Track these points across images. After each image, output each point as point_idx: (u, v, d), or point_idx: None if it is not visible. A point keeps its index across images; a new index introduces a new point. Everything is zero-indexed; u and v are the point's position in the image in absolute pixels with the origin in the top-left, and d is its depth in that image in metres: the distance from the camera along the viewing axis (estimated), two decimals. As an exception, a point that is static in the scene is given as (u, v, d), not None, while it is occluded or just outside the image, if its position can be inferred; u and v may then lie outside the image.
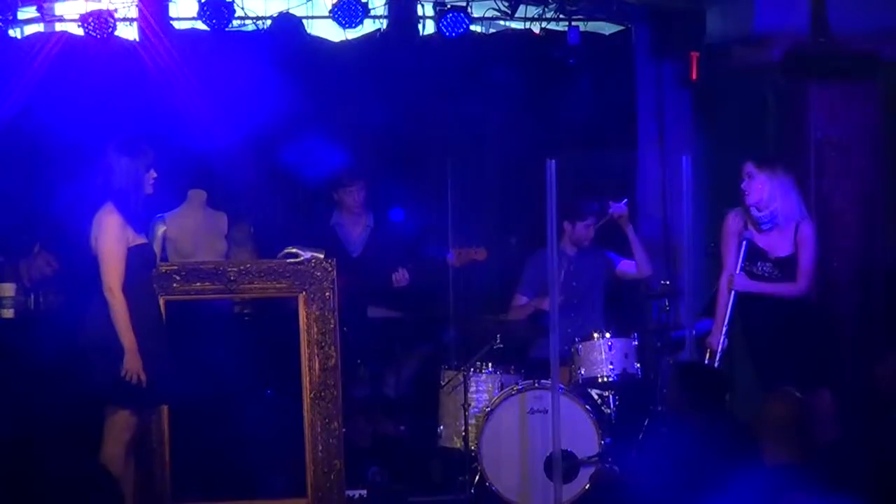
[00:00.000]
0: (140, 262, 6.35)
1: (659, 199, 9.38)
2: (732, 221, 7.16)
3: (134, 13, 9.20)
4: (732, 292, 7.12)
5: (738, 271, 7.09)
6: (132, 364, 6.17)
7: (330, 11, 9.06)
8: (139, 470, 6.65)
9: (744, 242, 7.09)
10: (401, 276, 8.20)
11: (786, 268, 7.06)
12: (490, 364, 8.02)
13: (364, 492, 7.60)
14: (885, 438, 5.54)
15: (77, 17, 9.01)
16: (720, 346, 7.13)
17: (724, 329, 7.13)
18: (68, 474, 4.80)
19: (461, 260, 8.22)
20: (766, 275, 7.08)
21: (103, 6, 8.91)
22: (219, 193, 8.65)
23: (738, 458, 5.78)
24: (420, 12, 9.48)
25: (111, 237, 6.25)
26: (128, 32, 9.27)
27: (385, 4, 9.35)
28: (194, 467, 7.14)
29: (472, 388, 7.92)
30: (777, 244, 7.08)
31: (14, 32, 9.26)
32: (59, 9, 9.42)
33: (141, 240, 6.40)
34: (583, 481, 7.52)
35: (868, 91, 8.30)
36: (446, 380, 8.02)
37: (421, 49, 9.46)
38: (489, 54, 9.47)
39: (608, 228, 8.47)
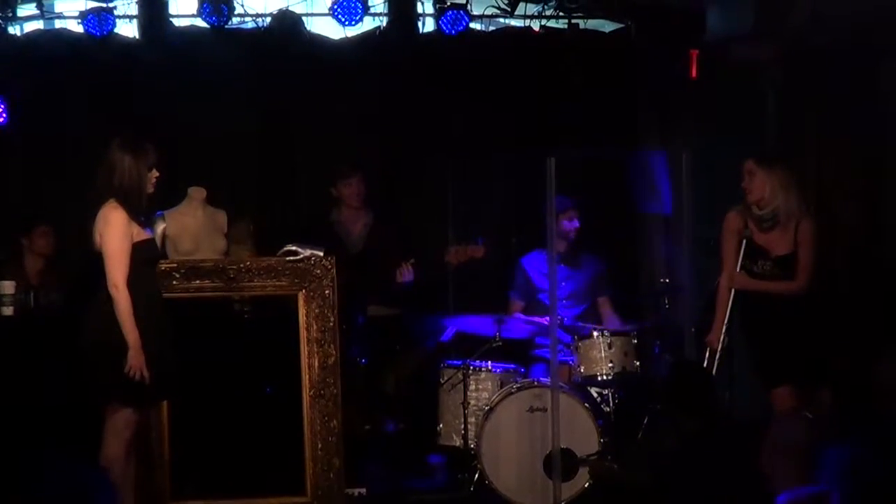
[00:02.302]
0: (144, 258, 6.35)
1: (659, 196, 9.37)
2: (733, 220, 7.15)
3: (133, 10, 9.20)
4: (732, 290, 7.11)
5: (737, 269, 7.09)
6: (136, 360, 6.16)
7: (329, 9, 9.07)
8: (139, 467, 6.65)
9: (743, 241, 7.09)
10: (405, 272, 8.20)
11: (786, 266, 7.06)
12: (489, 362, 8.02)
13: (363, 490, 7.59)
14: (885, 438, 5.53)
15: (77, 14, 9.01)
16: (720, 345, 7.12)
17: (724, 327, 7.12)
18: (68, 473, 4.79)
19: (459, 258, 8.21)
20: (767, 273, 7.08)
21: (102, 3, 8.92)
22: (218, 191, 8.63)
23: (722, 457, 5.81)
24: (420, 10, 9.49)
25: (116, 233, 6.24)
26: (127, 30, 9.26)
27: (385, 2, 9.36)
28: (194, 465, 7.14)
29: (472, 387, 7.93)
30: (777, 242, 7.07)
31: (14, 29, 9.25)
32: (58, 6, 9.42)
33: (146, 235, 6.40)
34: (582, 479, 7.52)
35: (868, 87, 8.29)
36: (446, 378, 8.03)
37: (421, 47, 9.46)
38: (489, 52, 9.47)
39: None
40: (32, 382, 7.25)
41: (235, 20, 9.18)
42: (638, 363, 7.96)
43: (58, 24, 9.36)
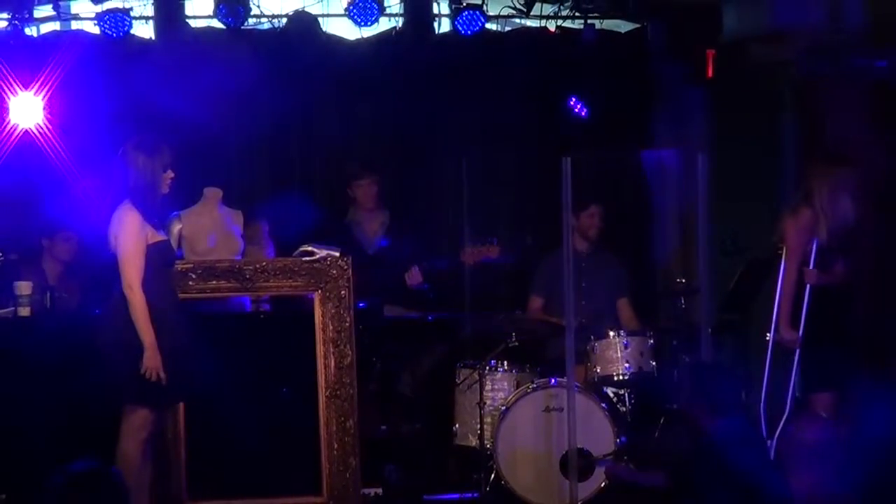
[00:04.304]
0: (159, 259, 6.36)
1: (675, 197, 9.36)
2: (807, 217, 7.11)
3: (149, 11, 9.22)
4: (808, 287, 7.09)
5: (811, 267, 7.07)
6: (152, 361, 6.17)
7: (345, 10, 9.08)
8: (155, 468, 6.66)
9: (815, 240, 7.07)
10: (413, 275, 8.20)
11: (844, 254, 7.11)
12: (505, 362, 8.02)
13: (380, 490, 7.61)
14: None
15: (93, 15, 9.03)
16: (799, 344, 7.08)
17: (802, 326, 7.09)
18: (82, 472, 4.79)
19: (474, 257, 8.21)
20: (835, 264, 7.11)
21: (119, 4, 8.93)
22: (234, 191, 8.64)
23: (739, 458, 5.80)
24: (436, 10, 9.50)
25: (131, 234, 6.25)
26: (143, 31, 9.28)
27: (400, 3, 9.36)
28: (210, 465, 7.14)
29: (488, 387, 7.92)
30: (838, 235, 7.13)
31: (30, 31, 9.27)
32: (74, 7, 9.44)
33: (160, 237, 6.41)
34: (598, 479, 7.51)
35: (886, 86, 8.27)
36: (462, 378, 8.02)
37: (436, 47, 9.46)
38: (505, 52, 9.47)
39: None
40: (49, 382, 7.25)
41: (251, 21, 9.20)
42: (654, 363, 7.95)
43: (74, 25, 9.39)
